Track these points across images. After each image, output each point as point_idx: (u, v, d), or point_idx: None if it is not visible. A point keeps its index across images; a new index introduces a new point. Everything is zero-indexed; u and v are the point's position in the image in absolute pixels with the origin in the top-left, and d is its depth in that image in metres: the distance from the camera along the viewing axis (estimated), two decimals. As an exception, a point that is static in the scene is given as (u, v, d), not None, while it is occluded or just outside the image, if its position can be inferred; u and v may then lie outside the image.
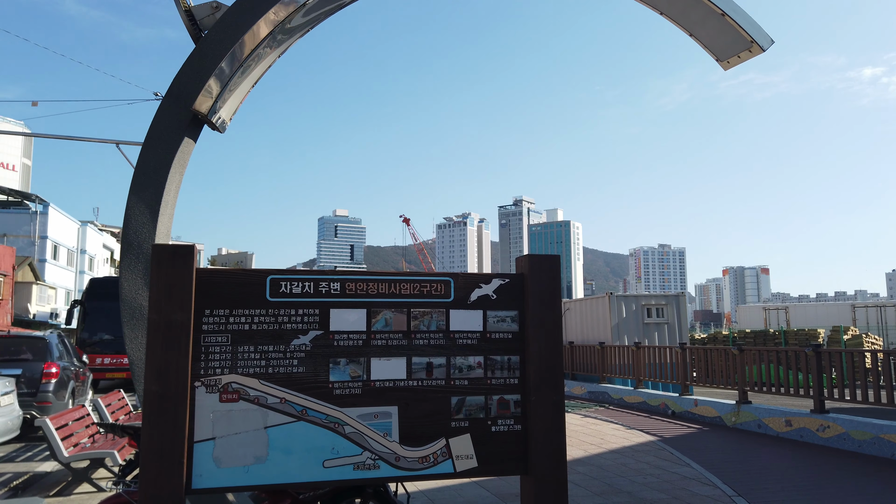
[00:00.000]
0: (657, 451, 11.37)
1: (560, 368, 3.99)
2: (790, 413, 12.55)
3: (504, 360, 4.02)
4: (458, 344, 3.96)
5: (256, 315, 3.71)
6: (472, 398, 3.94)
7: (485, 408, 3.95)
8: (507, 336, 4.05)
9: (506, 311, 4.07)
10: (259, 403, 3.62)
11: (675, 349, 16.74)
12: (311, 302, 3.79)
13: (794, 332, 27.65)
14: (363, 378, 3.81)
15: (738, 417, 13.76)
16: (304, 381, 3.71)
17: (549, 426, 3.92)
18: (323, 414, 3.70)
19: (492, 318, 4.04)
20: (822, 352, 12.47)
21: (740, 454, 10.99)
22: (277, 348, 3.71)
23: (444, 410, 3.89)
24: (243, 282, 3.72)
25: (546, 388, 3.94)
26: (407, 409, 3.83)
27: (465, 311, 3.99)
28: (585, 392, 19.96)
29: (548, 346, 3.99)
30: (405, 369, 3.88)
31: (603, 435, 13.07)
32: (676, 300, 22.13)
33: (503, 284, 4.08)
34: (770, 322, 40.71)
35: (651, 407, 16.75)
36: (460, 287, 4.03)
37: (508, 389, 4.00)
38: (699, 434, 13.15)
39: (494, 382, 3.99)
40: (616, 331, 21.41)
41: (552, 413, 3.93)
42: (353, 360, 3.81)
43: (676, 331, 21.71)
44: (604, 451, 11.52)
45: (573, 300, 24.77)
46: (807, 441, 11.86)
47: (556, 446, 3.90)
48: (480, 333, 4.01)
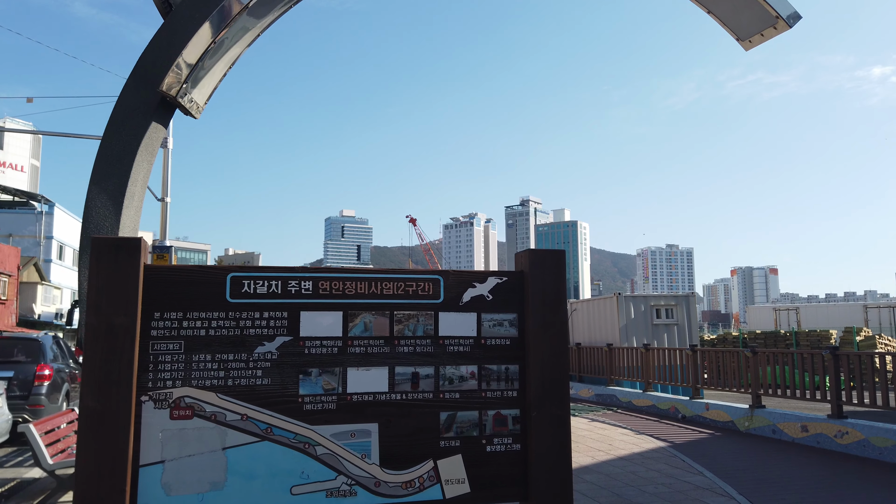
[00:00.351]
0: (668, 457, 10.86)
1: (566, 379, 3.50)
2: (806, 418, 12.01)
3: (501, 370, 3.53)
4: (448, 351, 3.47)
5: (215, 319, 3.23)
6: (465, 413, 3.44)
7: (479, 424, 3.46)
8: (505, 342, 3.56)
9: (503, 314, 3.58)
10: (216, 421, 3.14)
11: (686, 351, 16.20)
12: (278, 303, 3.30)
13: (805, 333, 27.05)
14: (338, 391, 3.32)
15: (751, 422, 13.23)
16: (269, 394, 3.22)
17: (552, 445, 3.43)
18: (291, 433, 3.21)
19: (487, 322, 3.55)
20: (839, 354, 11.92)
21: (755, 461, 10.47)
22: (239, 357, 3.23)
23: (431, 428, 3.40)
24: (200, 280, 3.23)
25: (549, 402, 3.45)
26: (389, 426, 3.34)
27: (456, 314, 3.51)
28: (593, 395, 19.43)
29: (551, 353, 3.49)
30: (387, 381, 3.39)
31: (611, 440, 12.56)
32: (686, 301, 21.58)
33: (500, 283, 3.59)
34: (780, 323, 40.07)
35: (661, 411, 16.23)
36: (451, 286, 3.54)
37: (506, 403, 3.50)
38: (711, 440, 12.62)
39: (490, 395, 3.50)
40: (624, 332, 20.88)
41: (556, 430, 3.43)
42: (326, 371, 3.32)
43: (686, 332, 21.15)
44: (612, 457, 11.01)
45: (580, 300, 24.24)
46: (824, 447, 11.32)
47: (561, 469, 3.41)
48: (474, 339, 3.52)
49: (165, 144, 18.51)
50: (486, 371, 3.50)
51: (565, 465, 3.40)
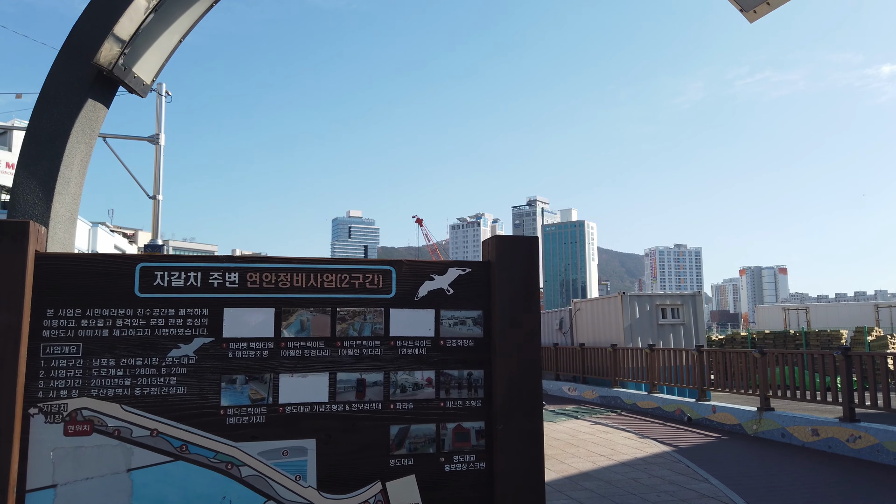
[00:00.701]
0: (672, 463, 10.37)
1: (538, 386, 3.00)
2: (817, 421, 11.50)
3: (463, 376, 3.03)
4: (400, 354, 2.98)
5: (121, 317, 2.74)
6: (419, 427, 2.95)
7: (436, 439, 2.96)
8: (468, 343, 3.06)
9: (466, 311, 3.08)
10: (121, 437, 2.65)
11: (692, 352, 15.72)
12: (197, 299, 2.81)
13: (815, 333, 26.49)
14: (268, 401, 2.83)
15: (759, 425, 12.74)
16: (185, 406, 2.74)
17: (522, 464, 2.93)
18: (211, 451, 2.72)
19: (447, 320, 3.05)
20: (851, 355, 11.39)
21: (763, 467, 9.96)
22: (149, 362, 2.74)
23: (380, 444, 2.90)
24: (103, 271, 2.74)
25: (519, 414, 2.95)
26: (329, 442, 2.85)
27: (410, 311, 3.01)
28: (597, 396, 18.95)
29: (522, 356, 3.00)
30: (327, 389, 2.89)
31: (614, 444, 12.07)
32: (692, 300, 21.05)
33: (463, 275, 3.09)
34: (790, 323, 39.47)
35: (666, 413, 15.76)
36: (405, 279, 3.04)
37: (469, 415, 3.01)
38: (718, 444, 12.12)
39: (450, 405, 3.01)
40: (629, 332, 20.37)
41: (527, 446, 2.94)
42: (254, 378, 2.83)
43: (693, 332, 20.63)
44: (614, 462, 10.52)
45: (584, 300, 23.72)
46: (836, 452, 10.83)
47: (532, 491, 2.91)
48: (431, 340, 3.02)
49: (157, 140, 18.18)
50: (446, 377, 3.01)
51: (537, 486, 2.91)
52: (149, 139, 17.89)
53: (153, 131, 18.10)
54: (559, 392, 20.84)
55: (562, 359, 22.16)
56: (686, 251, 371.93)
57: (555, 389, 21.22)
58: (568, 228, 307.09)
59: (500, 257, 3.04)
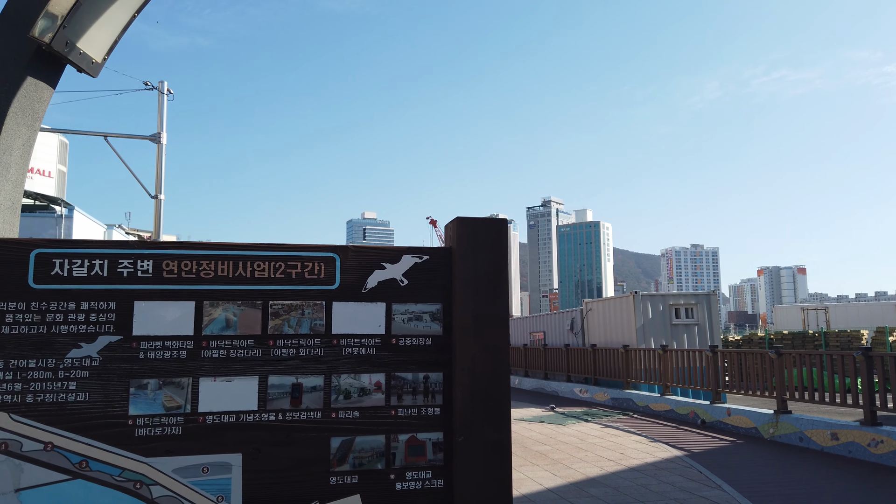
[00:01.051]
0: (684, 468, 9.89)
1: (506, 391, 2.59)
2: (836, 425, 10.98)
3: (418, 380, 2.62)
4: (345, 355, 2.57)
5: (11, 311, 2.35)
6: (366, 439, 2.54)
7: (385, 453, 2.55)
8: (425, 342, 2.65)
9: (423, 305, 2.67)
10: (8, 452, 2.27)
11: (706, 352, 15.21)
12: (103, 290, 2.42)
13: (834, 333, 25.82)
14: (186, 410, 2.43)
15: (776, 429, 12.22)
16: (86, 415, 2.34)
17: (486, 481, 2.51)
18: (116, 467, 2.33)
19: (401, 315, 2.64)
20: (872, 355, 10.86)
21: (780, 473, 9.47)
22: (44, 364, 2.35)
23: (318, 459, 2.49)
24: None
25: (483, 423, 2.53)
26: (257, 457, 2.45)
27: (357, 305, 2.60)
28: (608, 399, 18.46)
29: (487, 356, 2.58)
30: (256, 395, 2.49)
31: (623, 449, 11.60)
32: (707, 299, 20.49)
33: (420, 263, 2.68)
34: (809, 323, 38.69)
35: (679, 416, 15.27)
36: (351, 267, 2.63)
37: (424, 424, 2.60)
38: (732, 448, 11.62)
39: (403, 414, 2.59)
40: (641, 332, 19.86)
41: (492, 461, 2.52)
42: (169, 382, 2.43)
43: (707, 332, 20.07)
44: (622, 468, 10.06)
45: (596, 300, 23.21)
46: (856, 458, 10.32)
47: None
48: (382, 338, 2.62)
49: (158, 139, 17.90)
50: (398, 381, 2.60)
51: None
52: (150, 138, 17.62)
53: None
54: (570, 394, 20.36)
55: (573, 360, 21.67)
56: (703, 251, 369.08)
57: (566, 391, 20.76)
58: (583, 229, 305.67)
59: (461, 243, 2.63)
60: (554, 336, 25.81)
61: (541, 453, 10.94)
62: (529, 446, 11.55)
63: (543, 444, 11.91)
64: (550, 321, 26.62)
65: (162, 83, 17.94)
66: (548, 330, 26.54)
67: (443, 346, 2.65)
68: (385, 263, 2.63)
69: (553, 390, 21.74)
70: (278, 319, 2.54)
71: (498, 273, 2.62)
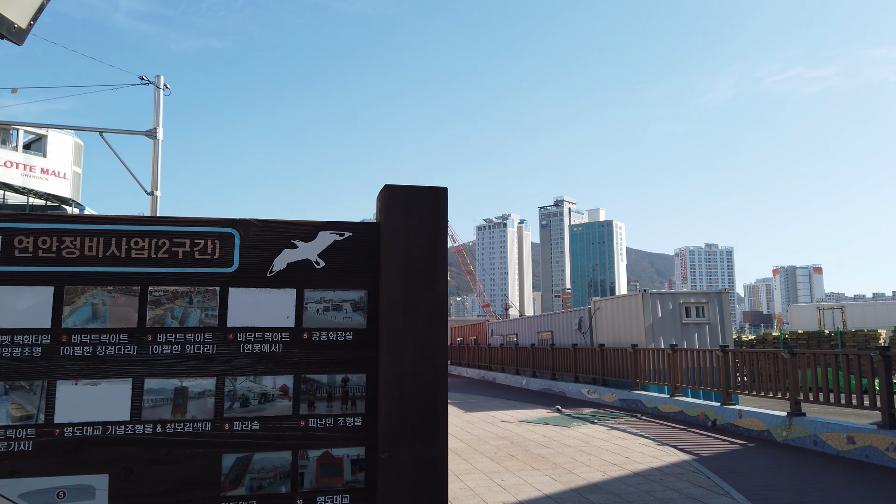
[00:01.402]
0: (691, 474, 9.40)
1: (442, 396, 2.11)
2: (853, 428, 10.46)
3: (336, 384, 2.14)
4: (243, 353, 2.10)
5: None
6: (268, 455, 2.06)
7: (292, 474, 2.07)
8: (345, 337, 2.17)
9: (344, 291, 2.19)
10: None
11: (716, 352, 14.68)
12: (-65, 273, 1.97)
13: (851, 333, 25.16)
14: (38, 420, 1.96)
15: (789, 432, 11.71)
16: None
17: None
18: (-54, 493, 1.88)
19: (315, 304, 2.16)
20: (890, 355, 10.31)
21: (793, 479, 8.95)
22: None
23: (207, 481, 2.02)
24: None
25: (414, 436, 2.06)
26: (129, 479, 1.97)
27: (260, 292, 2.13)
28: (617, 400, 17.96)
29: (420, 354, 2.11)
30: (129, 402, 2.02)
31: (629, 452, 11.10)
32: (718, 298, 19.91)
33: (340, 242, 2.20)
34: (825, 322, 37.93)
35: (689, 417, 14.77)
36: (253, 246, 2.16)
37: (342, 438, 2.12)
38: (743, 452, 11.11)
39: (315, 425, 2.11)
40: (650, 332, 19.31)
41: (424, 482, 2.04)
42: (18, 386, 1.96)
43: (718, 331, 19.50)
44: (627, 473, 9.57)
45: (604, 299, 22.66)
46: (874, 462, 9.81)
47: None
48: (290, 333, 2.14)
49: (154, 135, 17.54)
50: (310, 385, 2.12)
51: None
52: (146, 133, 17.27)
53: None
54: (578, 395, 19.87)
55: (581, 360, 21.15)
56: (717, 251, 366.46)
57: (574, 392, 20.27)
58: (596, 228, 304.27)
59: (391, 217, 2.15)
60: (562, 335, 25.27)
61: (542, 457, 10.47)
62: (531, 449, 11.09)
63: (546, 446, 11.44)
64: (558, 320, 26.08)
65: (158, 78, 17.57)
66: (556, 329, 26.01)
67: (367, 341, 2.17)
68: (297, 241, 2.16)
69: (561, 391, 21.24)
70: (159, 309, 2.07)
71: (436, 252, 2.14)
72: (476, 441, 12.00)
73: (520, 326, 30.79)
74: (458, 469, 9.34)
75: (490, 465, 9.78)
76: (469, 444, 11.62)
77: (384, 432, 2.06)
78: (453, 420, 14.99)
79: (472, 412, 16.46)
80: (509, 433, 12.92)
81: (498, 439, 12.17)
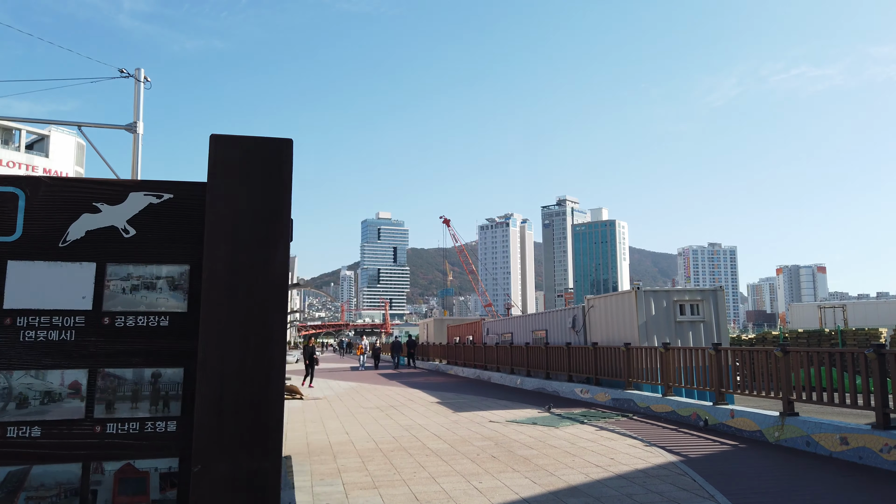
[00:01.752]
0: (677, 476, 9.00)
1: (277, 395, 1.69)
2: (846, 428, 10.05)
3: (143, 380, 1.72)
4: (23, 341, 1.68)
5: None
6: (51, 468, 1.64)
7: (81, 491, 1.66)
8: (158, 322, 1.75)
9: (159, 266, 1.76)
10: None
11: (709, 350, 14.25)
12: None
13: (852, 331, 24.69)
14: None
15: (782, 432, 11.33)
16: None
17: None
18: None
19: (120, 282, 1.74)
20: (885, 353, 9.87)
21: (783, 482, 8.54)
22: None
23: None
24: None
25: (235, 446, 1.64)
26: None
27: (49, 266, 1.71)
28: (609, 399, 17.56)
29: (249, 343, 1.69)
30: None
31: (614, 454, 10.71)
32: (713, 295, 19.47)
33: (156, 206, 1.77)
34: (826, 321, 37.50)
35: (681, 417, 14.38)
36: (43, 209, 1.73)
37: (149, 447, 1.70)
38: (733, 453, 10.71)
39: (114, 430, 1.69)
40: (643, 330, 18.89)
41: (249, 501, 1.62)
42: None
43: (714, 329, 19.07)
44: (609, 475, 9.18)
45: (597, 296, 22.22)
46: (867, 464, 9.43)
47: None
48: (87, 316, 1.71)
49: (134, 129, 17.12)
50: (109, 381, 1.69)
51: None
52: (126, 127, 16.83)
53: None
54: (571, 394, 19.47)
55: (574, 359, 20.73)
56: (721, 250, 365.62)
57: (567, 392, 19.87)
58: (598, 228, 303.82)
59: (220, 173, 1.73)
60: (556, 334, 24.86)
61: (525, 458, 10.08)
62: (515, 450, 10.69)
63: (530, 448, 11.04)
64: (553, 319, 25.66)
65: (139, 71, 17.10)
66: (550, 328, 25.60)
67: (187, 328, 1.75)
68: (100, 204, 1.72)
69: (554, 390, 20.84)
70: (-86, 286, 1.65)
71: (276, 220, 1.71)
72: (460, 442, 11.61)
73: (515, 325, 30.37)
74: (436, 472, 8.96)
75: (470, 466, 9.40)
76: (452, 445, 11.24)
77: (198, 440, 1.64)
78: (440, 420, 14.60)
79: (461, 412, 16.07)
80: (495, 434, 12.53)
81: (483, 440, 11.78)
